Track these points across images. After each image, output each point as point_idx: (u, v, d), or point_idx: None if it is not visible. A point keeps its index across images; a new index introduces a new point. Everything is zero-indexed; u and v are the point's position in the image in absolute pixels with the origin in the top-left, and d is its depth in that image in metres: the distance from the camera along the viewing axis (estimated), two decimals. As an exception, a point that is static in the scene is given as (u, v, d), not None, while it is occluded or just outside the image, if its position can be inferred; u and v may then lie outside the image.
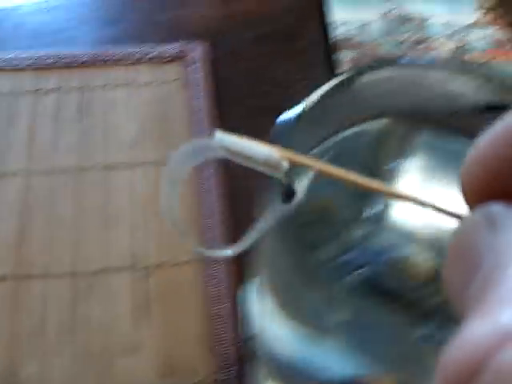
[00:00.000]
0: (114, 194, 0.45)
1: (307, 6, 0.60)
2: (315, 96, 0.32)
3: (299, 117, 0.31)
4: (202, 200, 0.45)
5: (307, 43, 0.57)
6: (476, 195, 0.17)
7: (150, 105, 0.50)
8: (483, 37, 0.61)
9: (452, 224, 0.19)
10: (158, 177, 0.46)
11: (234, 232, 0.44)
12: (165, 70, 0.53)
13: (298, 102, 0.48)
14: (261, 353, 0.36)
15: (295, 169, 0.22)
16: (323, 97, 0.32)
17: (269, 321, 0.34)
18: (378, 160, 0.35)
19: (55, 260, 0.42)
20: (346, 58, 0.56)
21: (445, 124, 0.33)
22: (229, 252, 0.22)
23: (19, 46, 0.55)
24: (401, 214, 0.35)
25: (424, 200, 0.19)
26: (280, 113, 0.50)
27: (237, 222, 0.45)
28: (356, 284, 0.35)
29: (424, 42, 0.59)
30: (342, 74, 0.32)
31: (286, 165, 0.21)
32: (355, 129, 0.34)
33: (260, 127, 0.49)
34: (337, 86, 0.32)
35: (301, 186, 0.26)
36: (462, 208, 0.17)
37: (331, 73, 0.55)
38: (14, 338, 0.39)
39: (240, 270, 0.42)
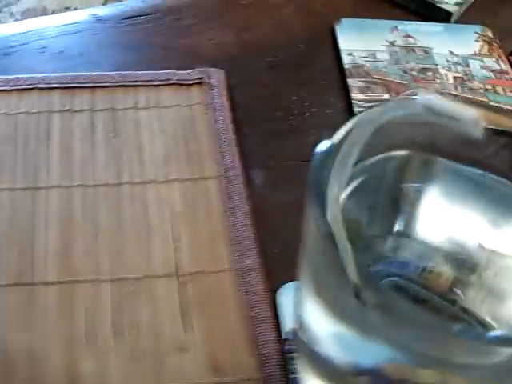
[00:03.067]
0: (150, 207, 0.52)
1: (317, 35, 0.68)
2: (345, 129, 0.37)
3: (333, 148, 0.36)
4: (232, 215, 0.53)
5: (318, 71, 0.65)
6: None
7: (176, 125, 0.58)
8: (483, 67, 0.70)
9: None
10: (193, 191, 0.54)
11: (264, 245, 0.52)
12: (187, 94, 0.61)
13: (312, 127, 0.56)
14: (300, 349, 0.43)
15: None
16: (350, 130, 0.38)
17: (307, 319, 0.41)
18: (402, 183, 0.42)
19: (98, 267, 0.49)
20: (356, 85, 0.64)
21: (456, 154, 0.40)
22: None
23: (45, 69, 0.62)
24: (424, 230, 0.42)
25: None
26: (293, 137, 0.58)
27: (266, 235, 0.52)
28: (387, 288, 0.42)
29: (428, 71, 0.68)
30: (365, 110, 0.39)
31: (483, 123, 0.25)
32: (380, 156, 0.41)
33: (276, 150, 0.58)
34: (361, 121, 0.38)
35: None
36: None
37: (342, 99, 0.64)
38: (70, 338, 0.46)
39: (274, 276, 0.50)
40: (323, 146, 0.35)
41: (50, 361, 0.45)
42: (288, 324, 0.47)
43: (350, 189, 0.38)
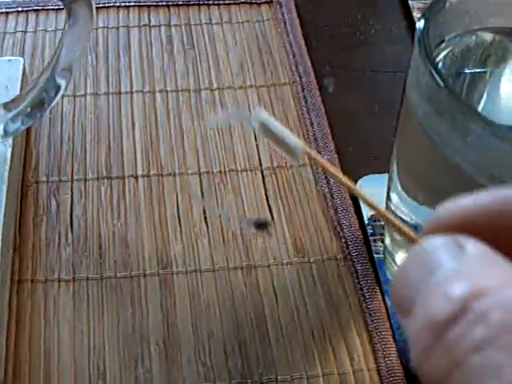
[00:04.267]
0: (230, 110, 0.55)
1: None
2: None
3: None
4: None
5: (380, -6, 0.67)
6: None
7: (249, 39, 0.60)
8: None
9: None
10: (269, 96, 0.56)
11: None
12: (257, 11, 0.62)
13: (378, 42, 0.58)
14: (387, 226, 0.45)
15: None
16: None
17: (395, 199, 0.42)
18: (484, 64, 0.43)
19: (185, 162, 0.51)
20: (416, 6, 0.66)
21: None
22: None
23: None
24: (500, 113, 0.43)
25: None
26: (360, 50, 0.60)
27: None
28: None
29: None
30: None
31: (302, 158, 0.24)
32: (467, 35, 0.42)
33: (345, 61, 0.59)
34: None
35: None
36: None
37: (404, 19, 0.65)
38: (161, 225, 0.48)
39: (351, 171, 0.51)
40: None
41: (142, 245, 0.47)
42: (369, 211, 0.49)
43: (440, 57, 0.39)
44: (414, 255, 0.20)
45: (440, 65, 0.40)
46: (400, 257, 0.44)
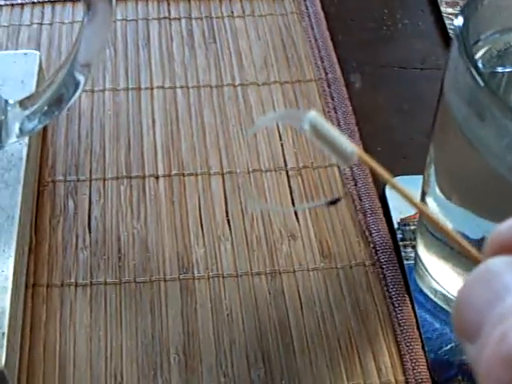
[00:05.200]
0: (254, 107, 0.52)
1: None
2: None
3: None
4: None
5: (408, -13, 0.64)
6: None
7: (273, 32, 0.57)
8: None
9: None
10: (294, 93, 0.53)
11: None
12: (281, 4, 0.60)
13: (405, 37, 0.55)
14: (420, 231, 0.42)
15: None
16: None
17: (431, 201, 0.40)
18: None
19: (207, 161, 0.49)
20: (443, 1, 0.63)
21: None
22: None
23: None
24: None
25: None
26: (387, 46, 0.57)
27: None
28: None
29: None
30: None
31: (355, 161, 0.23)
32: (508, 33, 0.40)
33: (372, 57, 0.57)
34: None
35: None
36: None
37: (432, 13, 0.62)
38: (182, 227, 0.46)
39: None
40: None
41: (162, 248, 0.45)
42: (399, 214, 0.46)
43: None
44: (479, 276, 0.19)
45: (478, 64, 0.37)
46: (432, 264, 0.41)
